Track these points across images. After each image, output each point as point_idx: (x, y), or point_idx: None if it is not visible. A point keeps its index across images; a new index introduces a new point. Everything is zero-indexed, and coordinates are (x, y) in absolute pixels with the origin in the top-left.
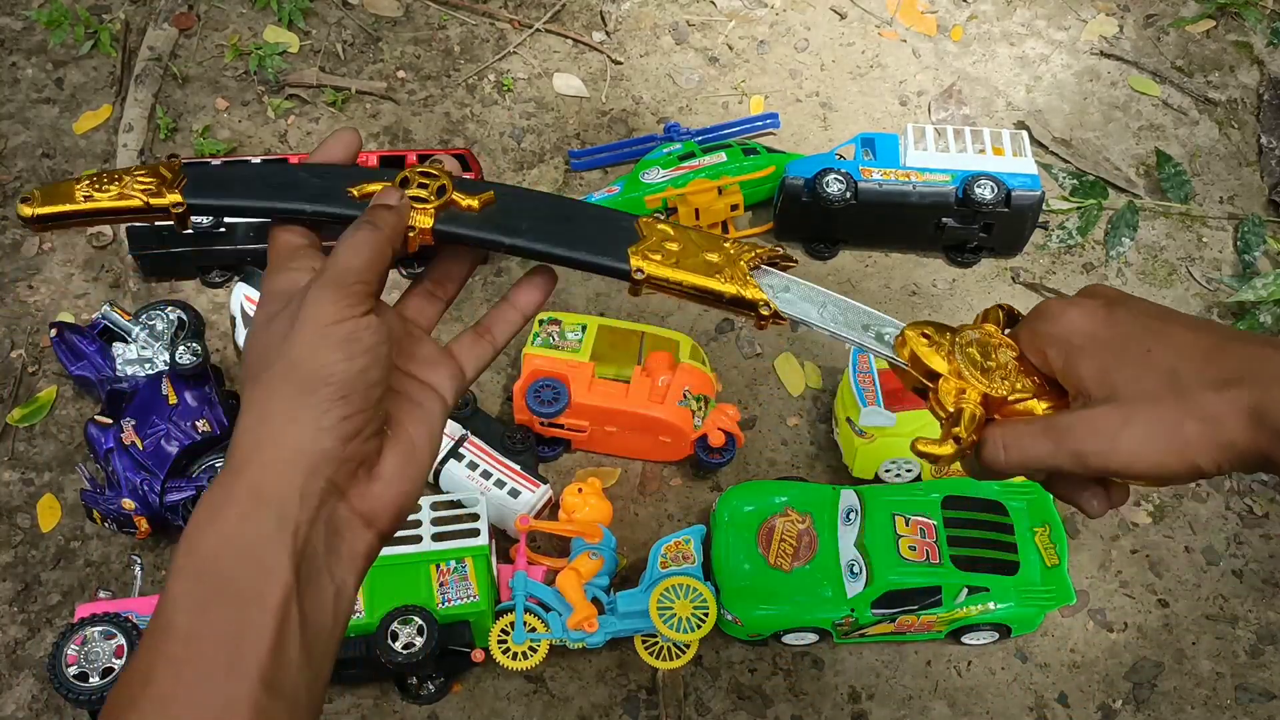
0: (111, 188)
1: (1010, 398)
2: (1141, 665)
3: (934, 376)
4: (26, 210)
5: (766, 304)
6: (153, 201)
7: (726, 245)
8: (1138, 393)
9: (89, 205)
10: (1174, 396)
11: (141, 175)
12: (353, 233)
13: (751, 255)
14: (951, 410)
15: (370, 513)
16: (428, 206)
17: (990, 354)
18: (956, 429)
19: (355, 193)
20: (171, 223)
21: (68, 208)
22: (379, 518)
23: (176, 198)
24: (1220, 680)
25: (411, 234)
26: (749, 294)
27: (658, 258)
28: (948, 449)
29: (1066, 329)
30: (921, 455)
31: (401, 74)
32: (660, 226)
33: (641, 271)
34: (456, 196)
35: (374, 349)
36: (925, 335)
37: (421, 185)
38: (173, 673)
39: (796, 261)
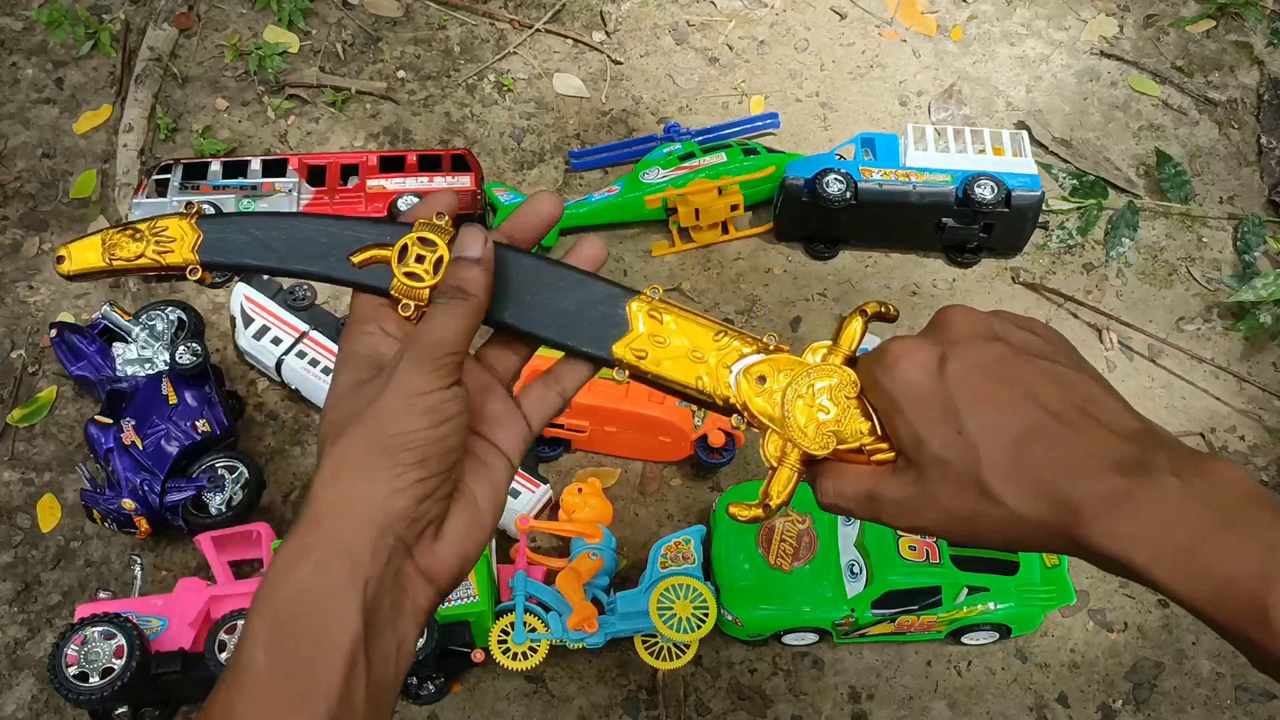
0: (133, 246)
1: (839, 449)
2: (1141, 665)
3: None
4: (62, 269)
5: (746, 405)
6: (167, 261)
7: (715, 338)
8: (941, 475)
9: (115, 265)
10: (975, 492)
11: (154, 234)
12: (446, 302)
13: (739, 354)
14: (773, 465)
15: (432, 570)
16: (424, 285)
17: (831, 394)
18: (768, 498)
19: (355, 261)
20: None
21: (97, 266)
22: (440, 576)
23: (192, 259)
24: (1220, 680)
25: (408, 313)
26: (721, 396)
27: (642, 351)
28: (756, 513)
29: (895, 383)
30: (733, 518)
31: (401, 74)
32: (650, 317)
33: (624, 369)
34: None
35: (456, 418)
36: (761, 378)
37: (419, 259)
38: (250, 704)
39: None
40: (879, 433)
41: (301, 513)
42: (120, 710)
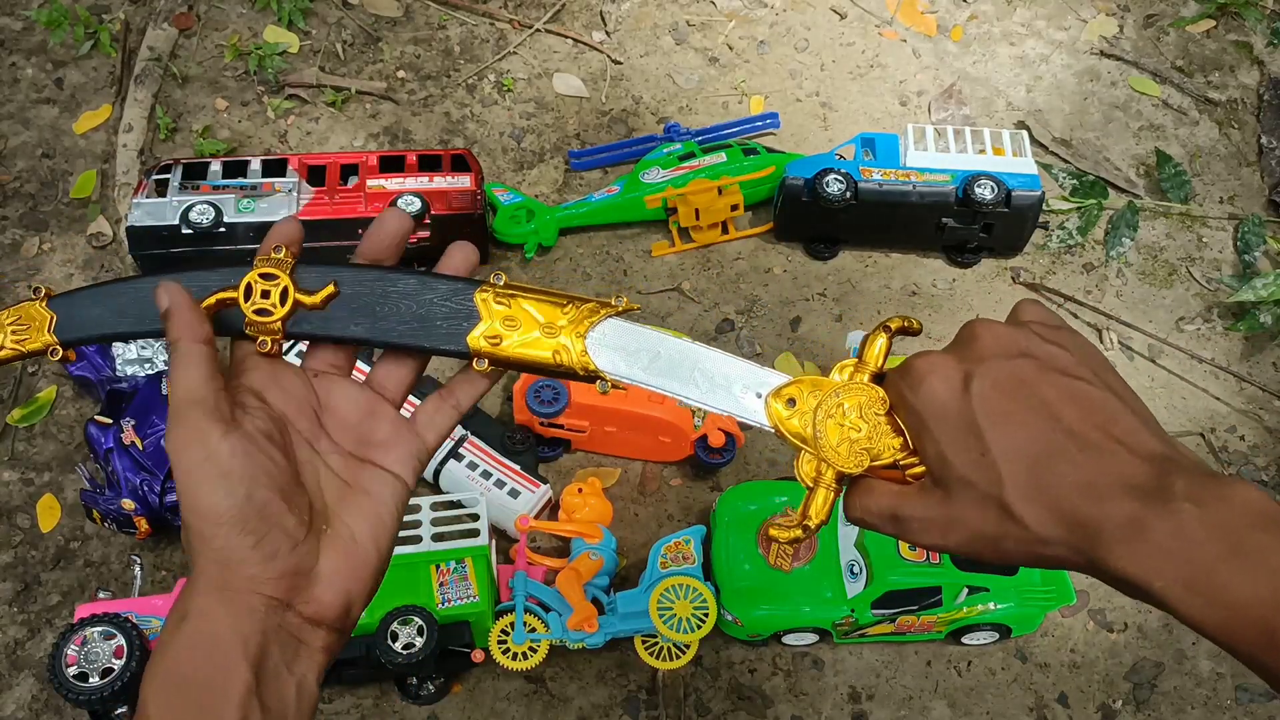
0: None
1: (873, 465)
2: (1141, 665)
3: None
4: None
5: (597, 372)
6: (27, 348)
7: (563, 311)
8: (967, 497)
9: None
10: (998, 513)
11: (10, 323)
12: (172, 358)
13: (588, 319)
14: (809, 485)
15: (317, 615)
16: (274, 318)
17: (861, 412)
18: (806, 518)
19: (203, 306)
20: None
21: None
22: (327, 617)
23: (51, 340)
24: (1220, 680)
25: (265, 349)
26: (589, 366)
27: (496, 337)
28: (795, 534)
29: (921, 400)
30: (773, 539)
31: (401, 74)
32: (499, 304)
33: (482, 359)
34: (299, 297)
35: (245, 473)
36: (791, 400)
37: (264, 294)
38: None
39: (637, 308)
40: (910, 447)
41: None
42: (120, 710)
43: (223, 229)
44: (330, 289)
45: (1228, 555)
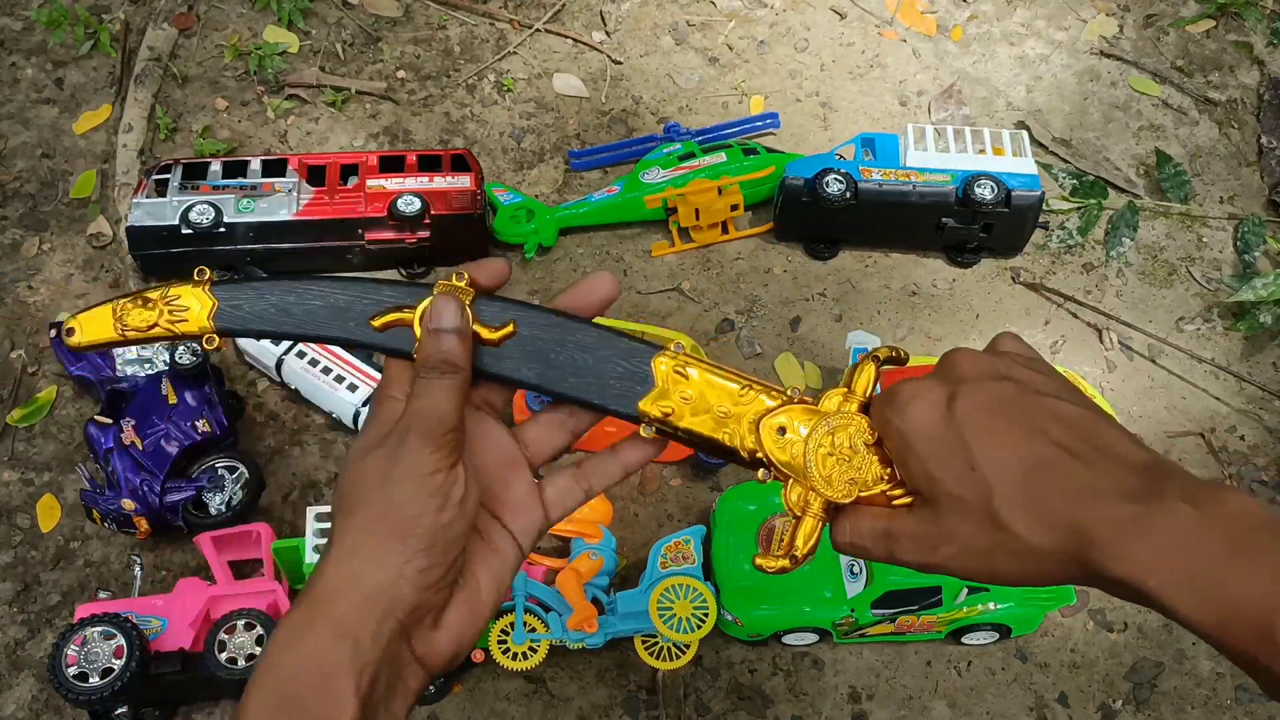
0: (146, 315)
1: (861, 495)
2: (1141, 665)
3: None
4: (72, 341)
5: (768, 461)
6: (180, 330)
7: (740, 393)
8: (957, 512)
9: (128, 336)
10: (989, 525)
11: (176, 301)
12: (438, 378)
13: (763, 407)
14: (798, 514)
15: (426, 656)
16: None
17: (850, 442)
18: (794, 548)
19: (376, 325)
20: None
21: (109, 338)
22: (433, 663)
23: (208, 327)
24: (1220, 680)
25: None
26: (747, 448)
27: (669, 409)
28: (783, 564)
29: (907, 423)
30: (760, 569)
31: (401, 74)
32: (677, 373)
33: (651, 425)
34: (479, 329)
35: (461, 504)
36: (781, 429)
37: None
38: None
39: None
40: (897, 477)
41: (309, 585)
42: (120, 710)
43: (223, 229)
44: (510, 328)
45: (1226, 554)
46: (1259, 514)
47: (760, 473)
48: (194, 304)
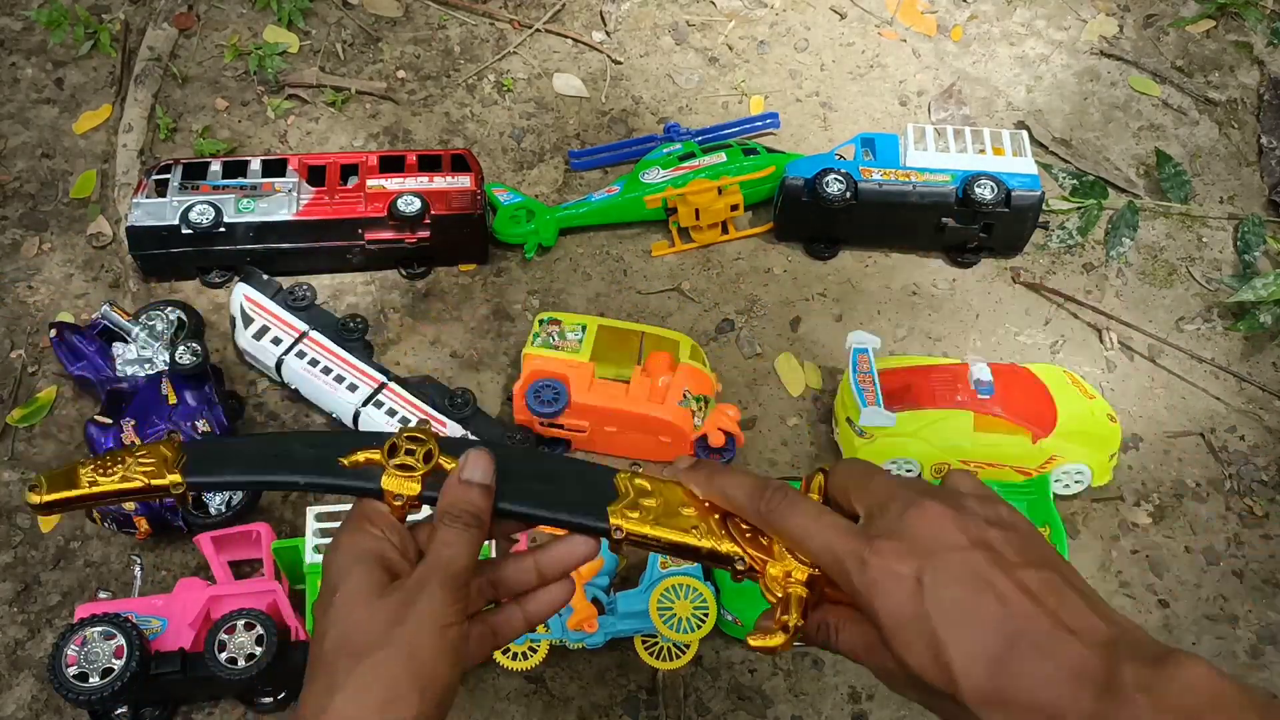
0: (116, 470)
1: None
2: None
3: (760, 564)
4: (34, 498)
5: (742, 558)
6: (153, 483)
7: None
8: (926, 688)
9: (94, 490)
10: (954, 706)
11: (143, 457)
12: (462, 529)
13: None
14: (780, 596)
15: None
16: (414, 475)
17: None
18: (785, 617)
19: (345, 463)
20: (176, 497)
21: (74, 494)
22: None
23: (176, 478)
24: None
25: (398, 503)
26: (723, 549)
27: (635, 515)
28: (778, 640)
29: (878, 603)
30: (756, 649)
31: (401, 74)
32: (638, 482)
33: (620, 530)
34: (443, 461)
35: (467, 660)
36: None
37: (409, 452)
38: None
39: None
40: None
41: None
42: (120, 710)
43: (223, 229)
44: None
45: None
46: (1213, 687)
47: (731, 576)
48: (160, 459)
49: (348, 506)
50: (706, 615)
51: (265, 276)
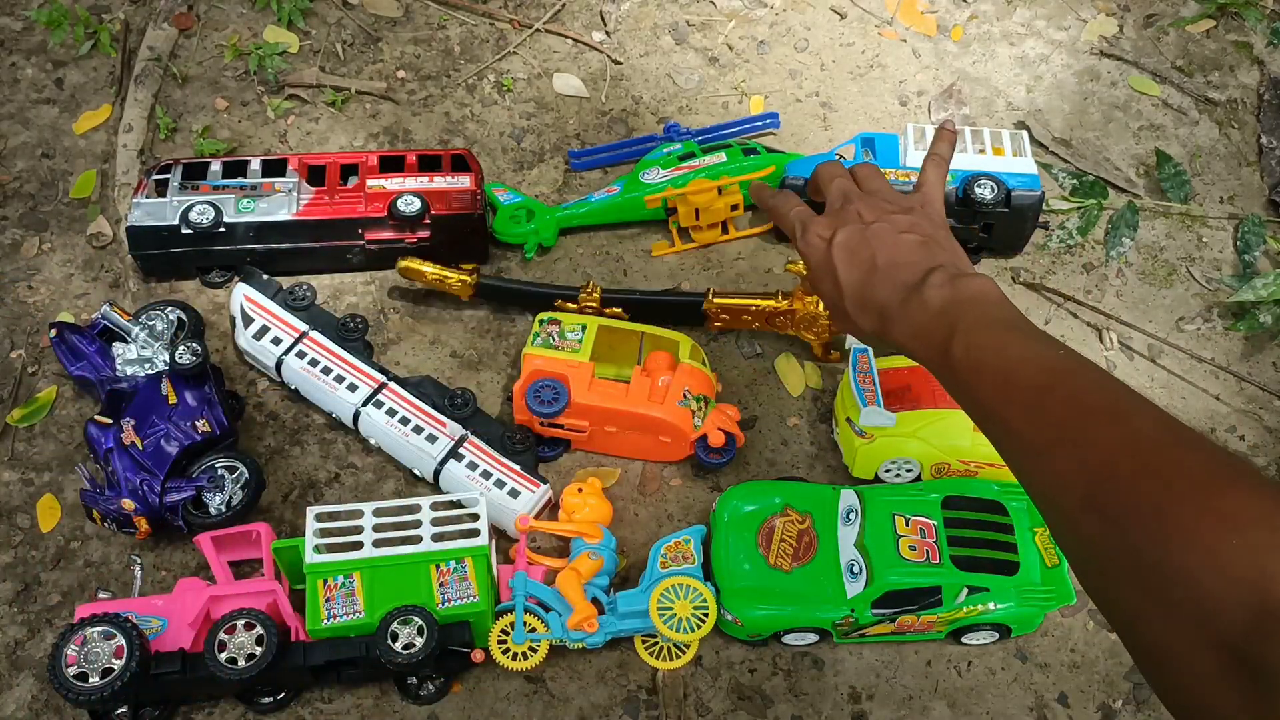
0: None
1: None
2: None
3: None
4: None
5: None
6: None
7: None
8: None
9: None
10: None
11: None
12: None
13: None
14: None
15: None
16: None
17: None
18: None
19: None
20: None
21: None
22: None
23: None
24: None
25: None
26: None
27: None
28: (799, 266)
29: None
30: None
31: (401, 74)
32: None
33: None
34: None
35: None
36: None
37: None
38: None
39: None
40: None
41: None
42: (120, 710)
43: (223, 229)
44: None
45: (945, 327)
46: (982, 290)
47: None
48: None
49: (348, 506)
50: (706, 615)
51: (265, 276)
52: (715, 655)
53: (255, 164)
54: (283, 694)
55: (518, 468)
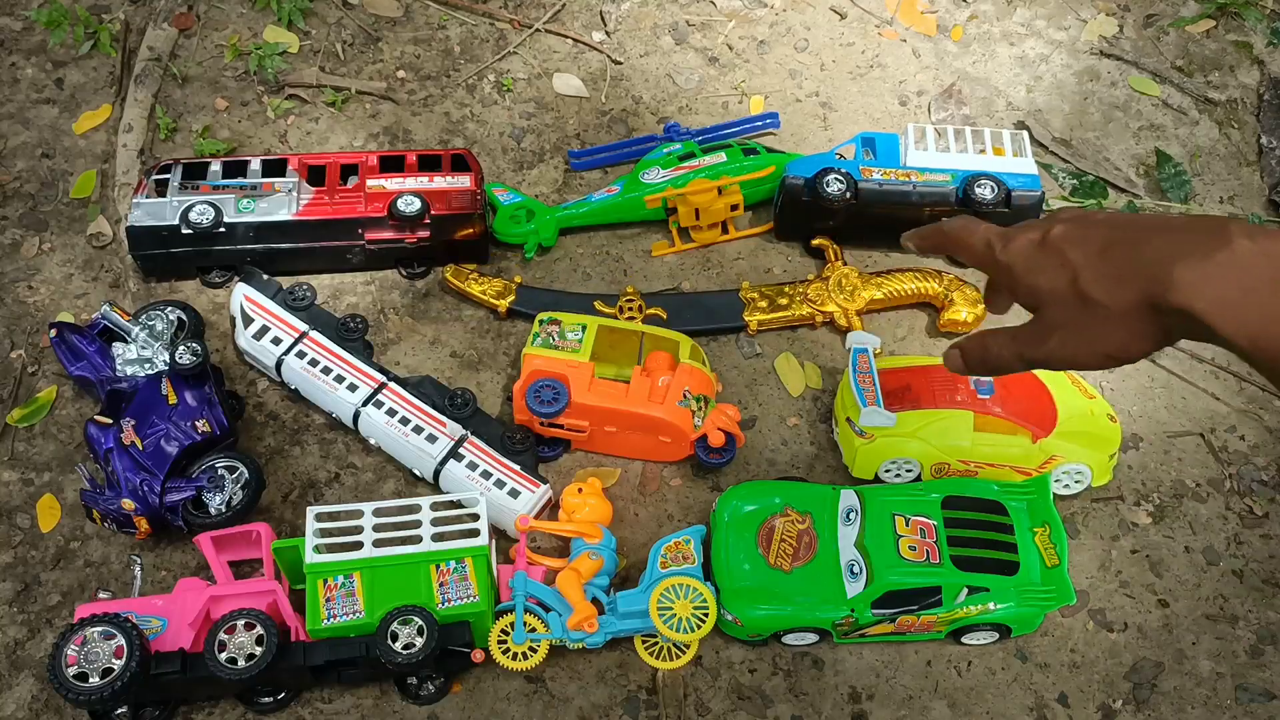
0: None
1: None
2: (1141, 665)
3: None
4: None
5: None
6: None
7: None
8: (1055, 304)
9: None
10: (1079, 304)
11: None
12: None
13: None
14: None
15: None
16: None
17: None
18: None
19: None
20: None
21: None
22: None
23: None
24: (1220, 680)
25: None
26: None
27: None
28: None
29: (1010, 256)
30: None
31: (401, 74)
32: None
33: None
34: None
35: None
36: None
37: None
38: None
39: None
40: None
41: None
42: (120, 710)
43: (222, 229)
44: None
45: (1269, 281)
46: None
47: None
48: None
49: (348, 506)
50: (706, 615)
51: (265, 276)
52: (715, 655)
53: (255, 164)
54: (283, 694)
55: (518, 468)
